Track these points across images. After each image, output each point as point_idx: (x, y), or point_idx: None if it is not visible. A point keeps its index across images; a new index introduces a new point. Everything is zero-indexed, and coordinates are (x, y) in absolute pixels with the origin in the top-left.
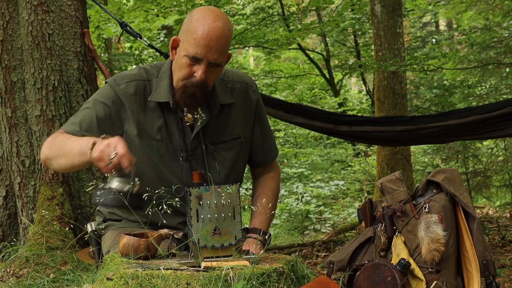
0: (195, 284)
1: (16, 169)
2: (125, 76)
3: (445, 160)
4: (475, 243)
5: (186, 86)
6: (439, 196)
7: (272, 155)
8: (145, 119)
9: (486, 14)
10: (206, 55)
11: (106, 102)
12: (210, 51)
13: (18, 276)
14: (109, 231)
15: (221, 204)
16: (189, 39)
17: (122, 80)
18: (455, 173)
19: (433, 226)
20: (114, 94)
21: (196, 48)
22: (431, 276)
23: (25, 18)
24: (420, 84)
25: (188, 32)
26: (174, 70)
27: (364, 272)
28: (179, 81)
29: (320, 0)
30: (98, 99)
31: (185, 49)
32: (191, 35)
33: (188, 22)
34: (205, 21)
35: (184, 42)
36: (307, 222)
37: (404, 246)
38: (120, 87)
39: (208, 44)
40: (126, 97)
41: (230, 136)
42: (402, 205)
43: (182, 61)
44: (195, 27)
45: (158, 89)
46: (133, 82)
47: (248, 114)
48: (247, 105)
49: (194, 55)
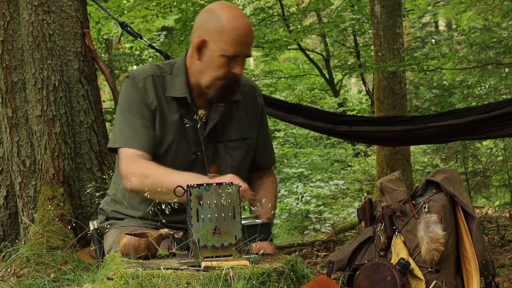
0: (195, 283)
1: (17, 169)
2: (141, 73)
3: (444, 160)
4: (474, 242)
5: (226, 83)
6: (439, 196)
7: (272, 160)
8: (164, 114)
9: (485, 15)
10: (244, 51)
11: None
12: (247, 47)
13: (19, 276)
14: (112, 229)
15: (221, 204)
16: (225, 39)
17: (139, 77)
18: (455, 173)
19: (433, 226)
20: (137, 95)
21: (236, 47)
22: (430, 275)
23: (26, 19)
24: (420, 84)
25: (222, 32)
26: (204, 69)
27: (363, 271)
28: (215, 80)
29: (319, 2)
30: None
31: (221, 49)
32: (226, 35)
33: (216, 23)
34: (237, 20)
35: (218, 42)
36: (307, 222)
37: (403, 246)
38: (139, 85)
39: (245, 41)
40: (147, 93)
41: (238, 135)
42: (401, 205)
43: (219, 61)
44: (230, 27)
45: (173, 85)
46: (149, 77)
47: (254, 117)
48: (253, 108)
49: (235, 53)
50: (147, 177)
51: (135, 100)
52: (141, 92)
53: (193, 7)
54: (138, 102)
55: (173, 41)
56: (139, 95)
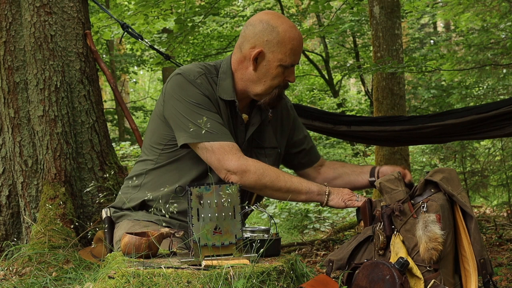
0: (196, 282)
1: (19, 169)
2: (193, 71)
3: (443, 160)
4: (472, 242)
5: (279, 91)
6: (437, 196)
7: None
8: (220, 112)
9: (483, 16)
10: (298, 60)
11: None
12: (300, 56)
13: (21, 275)
14: (125, 220)
15: (222, 204)
16: (283, 50)
17: (194, 74)
18: (453, 173)
19: (431, 225)
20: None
21: (293, 57)
22: (429, 274)
23: (28, 20)
24: (418, 85)
25: (280, 43)
26: (259, 79)
27: (363, 270)
28: (271, 88)
29: (318, 6)
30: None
31: (280, 60)
32: (285, 46)
33: (274, 34)
34: (293, 31)
35: (276, 52)
36: (306, 221)
37: (402, 245)
38: (197, 81)
39: (300, 51)
40: (206, 90)
41: (271, 143)
42: (400, 204)
43: (277, 71)
44: (288, 38)
45: (221, 87)
46: (204, 75)
47: (286, 128)
48: (286, 118)
49: (292, 63)
50: (263, 176)
51: (200, 95)
52: (202, 88)
53: (191, 10)
54: (205, 97)
55: (173, 41)
56: (201, 91)
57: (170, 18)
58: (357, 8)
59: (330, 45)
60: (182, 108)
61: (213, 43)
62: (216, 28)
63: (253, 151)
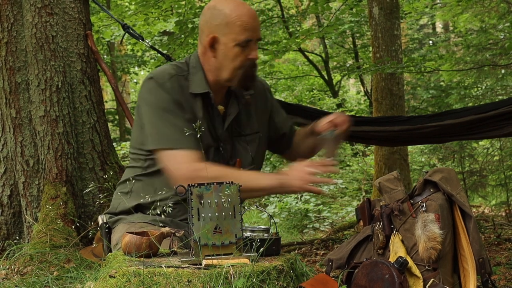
0: (196, 281)
1: (21, 169)
2: (163, 73)
3: (441, 159)
4: (471, 241)
5: (246, 71)
6: (436, 195)
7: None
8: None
9: (482, 17)
10: (254, 35)
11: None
12: (256, 30)
13: (22, 274)
14: (120, 224)
15: (222, 203)
16: (233, 29)
17: (164, 78)
18: (452, 173)
19: (430, 225)
20: (168, 95)
21: (245, 32)
22: (428, 273)
23: (29, 20)
24: (417, 85)
25: (229, 24)
26: (224, 65)
27: (362, 269)
28: (235, 70)
29: (318, 7)
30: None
31: (233, 39)
32: (234, 24)
33: (221, 17)
34: (240, 7)
35: (228, 34)
36: (306, 221)
37: (401, 244)
38: (167, 85)
39: (253, 25)
40: (176, 93)
41: (252, 129)
42: (399, 204)
43: (233, 51)
44: (234, 16)
45: (193, 82)
46: (175, 77)
47: (265, 111)
48: (264, 103)
49: (247, 38)
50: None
51: (167, 100)
52: (171, 92)
53: (192, 10)
54: (172, 102)
55: (173, 43)
56: (170, 94)
57: (171, 19)
58: (356, 9)
59: (330, 46)
60: (149, 114)
61: None
62: None
63: (234, 140)
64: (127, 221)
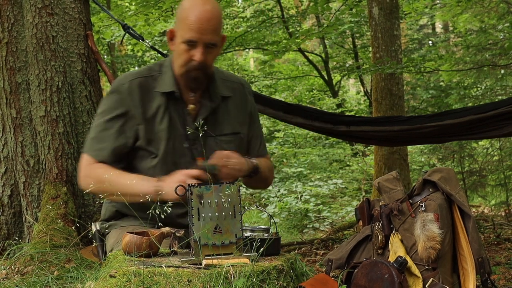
0: (196, 281)
1: (21, 169)
2: (127, 75)
3: (441, 159)
4: (470, 241)
5: (188, 71)
6: (435, 195)
7: (264, 149)
8: (151, 111)
9: (481, 17)
10: (201, 37)
11: (115, 115)
12: (204, 33)
13: (23, 274)
14: (113, 230)
15: (222, 203)
16: (183, 26)
17: (125, 79)
18: (451, 173)
19: (429, 225)
20: (119, 99)
21: (190, 32)
22: (427, 273)
23: (30, 21)
24: (417, 85)
25: (181, 20)
26: (175, 60)
27: (362, 269)
28: (180, 68)
29: (318, 7)
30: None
31: (181, 36)
32: (184, 22)
33: (180, 12)
34: (195, 7)
35: (179, 30)
36: (306, 221)
37: (401, 244)
38: (124, 86)
39: (201, 27)
40: (131, 95)
41: (230, 129)
42: (399, 204)
43: (180, 48)
44: (186, 14)
45: (162, 82)
46: (136, 79)
47: (245, 112)
48: (244, 103)
49: (189, 38)
50: (101, 184)
51: (112, 105)
52: (124, 94)
53: None
54: (116, 108)
55: None
56: (120, 98)
57: (171, 20)
58: (356, 9)
59: (330, 46)
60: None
61: None
62: None
63: (209, 141)
64: (118, 226)
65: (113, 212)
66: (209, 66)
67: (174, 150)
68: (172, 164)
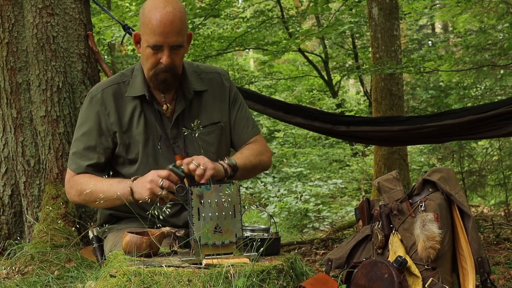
0: (196, 281)
1: (21, 169)
2: (100, 85)
3: (441, 159)
4: (470, 241)
5: (156, 74)
6: (435, 195)
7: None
8: (126, 117)
9: (481, 17)
10: (165, 41)
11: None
12: (168, 36)
13: (23, 273)
14: (109, 234)
15: (222, 203)
16: (146, 30)
17: (98, 89)
18: (451, 173)
19: (429, 224)
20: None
21: (154, 37)
22: (427, 273)
23: (30, 21)
24: (417, 86)
25: (144, 24)
26: (143, 63)
27: (361, 269)
28: (149, 71)
29: (318, 8)
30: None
31: (146, 41)
32: (147, 26)
33: (142, 15)
34: (156, 10)
35: (143, 34)
36: (306, 221)
37: (400, 244)
38: (97, 97)
39: (164, 31)
40: (104, 104)
41: (208, 120)
42: (398, 203)
43: (146, 52)
44: (148, 18)
45: (133, 86)
46: (109, 88)
47: (224, 100)
48: (221, 92)
49: (154, 43)
50: (81, 192)
51: (87, 118)
52: (98, 105)
53: (192, 11)
54: (90, 120)
55: None
56: (95, 109)
57: None
58: (356, 9)
59: (330, 46)
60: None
61: (213, 44)
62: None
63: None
64: (114, 230)
65: (107, 216)
66: (177, 66)
67: (154, 151)
68: (154, 164)
